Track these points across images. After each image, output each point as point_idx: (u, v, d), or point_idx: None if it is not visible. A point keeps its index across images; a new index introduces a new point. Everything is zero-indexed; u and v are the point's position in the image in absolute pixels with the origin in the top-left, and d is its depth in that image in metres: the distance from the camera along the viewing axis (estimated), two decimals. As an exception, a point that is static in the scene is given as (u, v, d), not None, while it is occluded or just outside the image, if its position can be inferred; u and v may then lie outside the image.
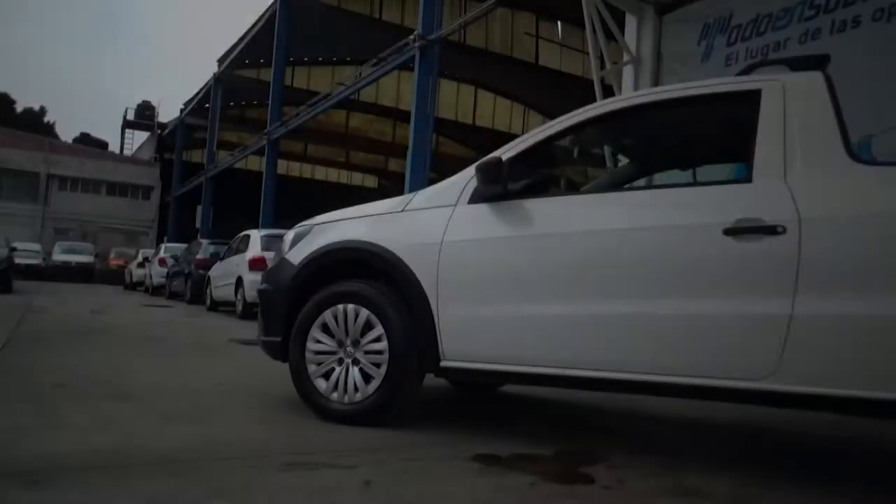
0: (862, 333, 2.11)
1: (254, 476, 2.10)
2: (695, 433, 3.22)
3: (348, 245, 3.02)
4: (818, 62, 2.56)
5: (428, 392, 3.94)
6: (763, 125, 2.42)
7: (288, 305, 3.09)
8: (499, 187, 2.69)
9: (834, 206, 2.22)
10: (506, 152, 2.82)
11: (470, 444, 2.64)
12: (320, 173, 37.04)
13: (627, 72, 7.43)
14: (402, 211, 2.99)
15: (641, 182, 3.84)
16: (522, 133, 3.22)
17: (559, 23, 23.76)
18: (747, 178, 2.41)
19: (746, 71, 2.75)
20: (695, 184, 2.72)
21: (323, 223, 3.22)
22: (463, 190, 2.86)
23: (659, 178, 4.21)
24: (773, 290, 2.22)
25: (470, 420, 3.31)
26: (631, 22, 7.44)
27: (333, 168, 36.50)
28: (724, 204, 2.38)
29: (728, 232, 2.29)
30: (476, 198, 2.80)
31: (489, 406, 3.78)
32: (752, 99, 2.48)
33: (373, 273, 3.01)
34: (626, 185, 3.44)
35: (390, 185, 32.73)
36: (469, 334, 2.70)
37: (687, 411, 3.72)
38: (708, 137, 3.23)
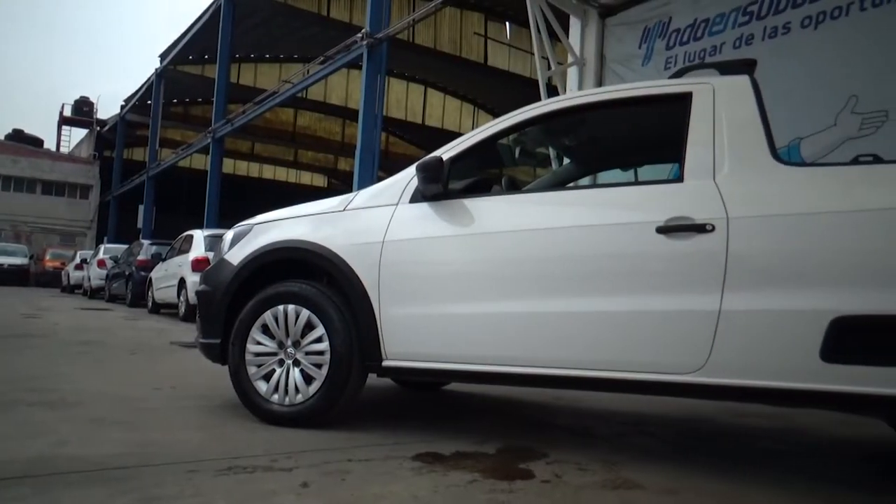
0: (782, 327, 2.20)
1: (188, 482, 2.06)
2: (635, 427, 3.30)
3: (289, 245, 2.98)
4: (746, 66, 2.66)
5: (373, 392, 3.93)
6: (693, 127, 2.50)
7: (227, 307, 3.04)
8: (439, 187, 2.71)
9: (759, 205, 2.30)
10: (447, 152, 2.83)
11: (414, 443, 2.65)
12: (268, 172, 36.43)
13: (572, 73, 7.56)
14: (344, 210, 2.97)
15: (587, 181, 3.92)
16: (472, 132, 3.24)
17: (507, 24, 23.99)
18: (679, 178, 2.48)
19: (679, 74, 2.83)
20: (630, 183, 2.79)
21: (263, 223, 3.17)
22: (404, 189, 2.86)
23: (603, 177, 4.30)
24: (702, 287, 2.30)
25: (415, 419, 3.31)
26: (575, 24, 7.57)
27: (282, 167, 35.95)
28: (657, 203, 2.45)
29: (660, 230, 2.36)
30: (417, 197, 2.81)
31: (435, 405, 3.79)
32: (683, 101, 2.56)
33: (314, 273, 2.99)
34: (566, 185, 3.50)
35: (340, 185, 32.48)
36: (411, 334, 2.71)
37: (629, 406, 3.81)
38: (643, 138, 3.31)
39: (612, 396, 3.93)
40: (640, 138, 3.33)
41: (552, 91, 7.33)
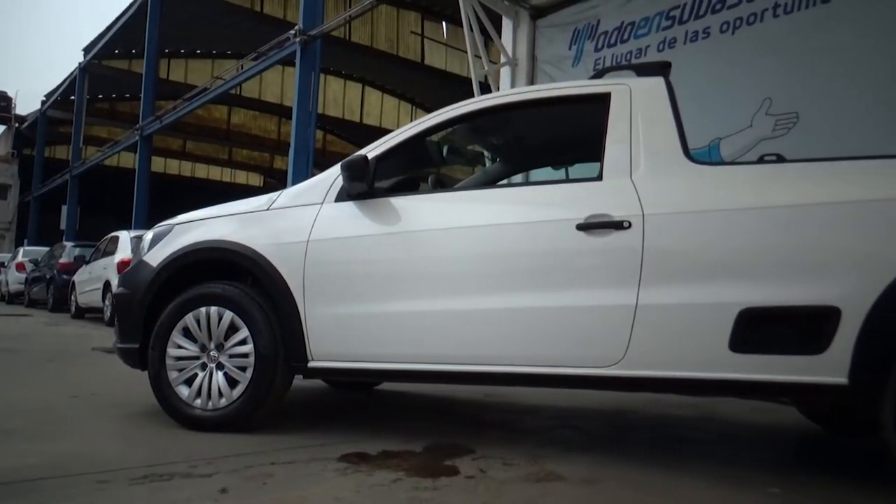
0: (694, 320, 2.29)
1: (100, 492, 1.98)
2: (562, 421, 3.37)
3: (211, 245, 2.91)
4: (661, 69, 2.75)
5: (303, 393, 3.88)
6: (611, 126, 2.57)
7: (146, 310, 2.93)
8: (364, 185, 2.69)
9: (672, 202, 2.39)
10: (372, 150, 2.82)
11: (341, 444, 2.63)
12: (201, 171, 35.36)
13: (505, 73, 7.64)
14: (268, 209, 2.92)
15: (520, 178, 3.98)
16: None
17: (444, 23, 24.05)
18: (598, 177, 2.55)
19: (598, 75, 2.90)
20: (553, 182, 2.84)
21: (184, 223, 3.08)
22: (329, 188, 2.83)
23: (536, 176, 4.37)
24: (620, 282, 2.37)
25: (344, 420, 3.29)
26: (507, 25, 7.65)
27: (216, 166, 34.95)
28: (578, 201, 2.50)
29: (580, 227, 2.42)
30: (342, 196, 2.79)
31: (366, 405, 3.77)
32: (602, 101, 2.63)
33: (238, 274, 2.92)
34: (494, 184, 3.54)
35: (276, 183, 31.82)
36: (336, 334, 2.68)
37: (558, 400, 3.89)
38: (567, 137, 3.39)
39: (542, 391, 4.01)
40: (565, 137, 3.40)
41: (486, 91, 7.38)
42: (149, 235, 3.16)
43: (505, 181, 3.82)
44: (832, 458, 2.90)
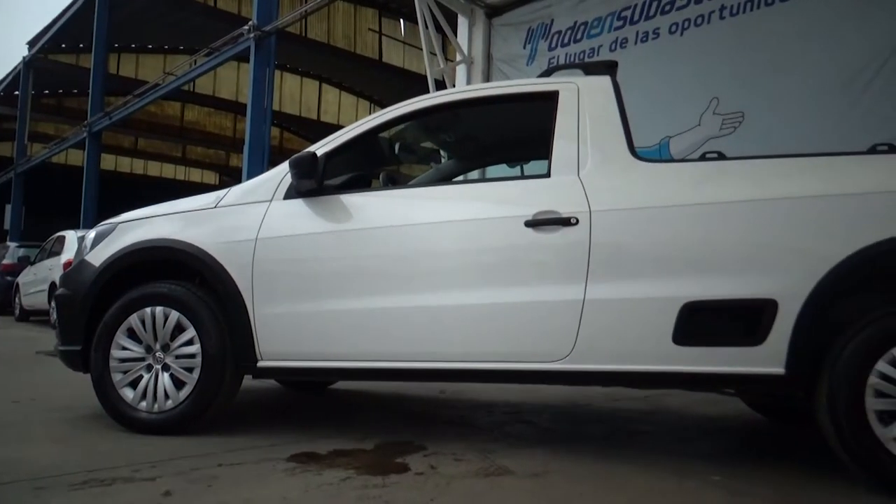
0: (639, 314, 2.33)
1: (38, 499, 1.92)
2: (515, 416, 3.39)
3: (156, 244, 2.84)
4: (608, 68, 2.79)
5: (255, 394, 3.83)
6: (559, 124, 2.60)
7: (88, 311, 2.85)
8: (313, 182, 2.67)
9: (618, 199, 2.43)
10: (321, 147, 2.80)
11: (291, 444, 2.60)
12: (154, 169, 34.47)
13: (461, 71, 7.66)
14: (216, 207, 2.87)
15: (476, 175, 3.99)
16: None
17: (402, 20, 23.97)
18: (547, 174, 2.58)
19: (547, 73, 2.93)
20: (502, 179, 2.87)
21: (128, 221, 3.00)
22: (278, 185, 2.80)
23: (492, 173, 4.38)
24: (568, 278, 2.40)
25: (296, 420, 3.25)
26: (463, 23, 7.66)
27: (169, 164, 34.11)
28: (526, 198, 2.53)
29: (529, 224, 2.45)
30: (292, 193, 2.76)
31: (319, 404, 3.74)
32: (550, 99, 2.66)
33: (184, 273, 2.86)
34: (446, 181, 3.54)
35: (232, 182, 31.15)
36: (286, 333, 2.65)
37: (511, 395, 3.92)
38: (518, 135, 3.41)
39: (495, 387, 4.04)
40: (515, 135, 3.43)
41: (442, 88, 7.39)
42: (91, 234, 3.07)
43: (460, 178, 3.83)
44: (774, 447, 2.99)
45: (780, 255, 2.26)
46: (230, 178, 32.94)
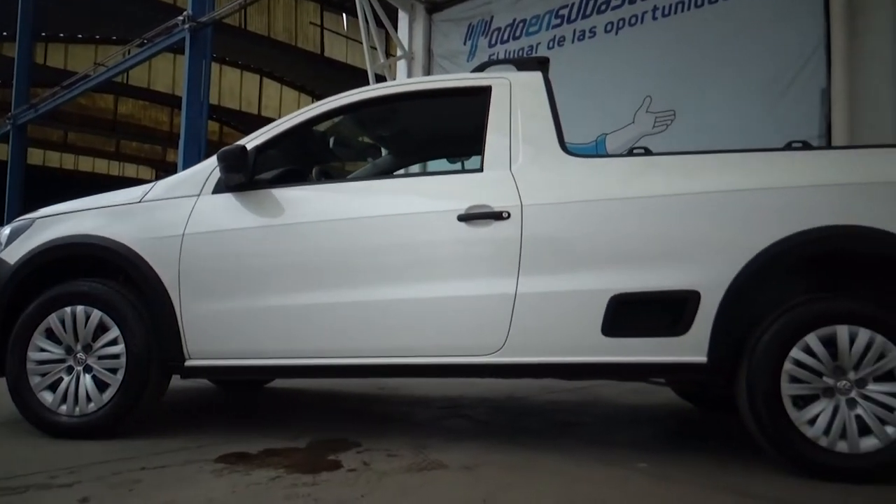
0: (570, 306, 2.37)
1: (-59, 510, 1.82)
2: (452, 410, 3.41)
3: (76, 240, 2.72)
4: (539, 64, 2.82)
5: (188, 394, 3.73)
6: (492, 119, 2.61)
7: (3, 311, 2.71)
8: (242, 176, 2.60)
9: (549, 193, 2.46)
10: (252, 140, 2.74)
11: (222, 444, 2.54)
12: (86, 164, 33.07)
13: (402, 66, 7.63)
14: (140, 202, 2.77)
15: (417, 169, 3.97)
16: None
17: (344, 15, 23.72)
18: (480, 169, 2.59)
19: (480, 68, 2.94)
20: (436, 173, 2.87)
21: (47, 216, 2.87)
22: (207, 179, 2.72)
23: (433, 167, 4.37)
24: (500, 271, 2.42)
25: (229, 420, 3.18)
26: (404, 18, 7.63)
27: (102, 158, 32.82)
28: (459, 192, 2.53)
29: (461, 218, 2.45)
30: (221, 187, 2.69)
31: (253, 403, 3.66)
32: (483, 94, 2.67)
33: (108, 271, 2.75)
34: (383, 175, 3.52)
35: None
36: (214, 331, 2.58)
37: (450, 390, 3.94)
38: (451, 130, 3.41)
39: (434, 382, 4.05)
40: (450, 130, 3.42)
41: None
42: (6, 231, 2.92)
43: (398, 173, 3.81)
44: (699, 434, 3.09)
45: (703, 247, 2.33)
46: (167, 173, 31.76)
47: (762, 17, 4.95)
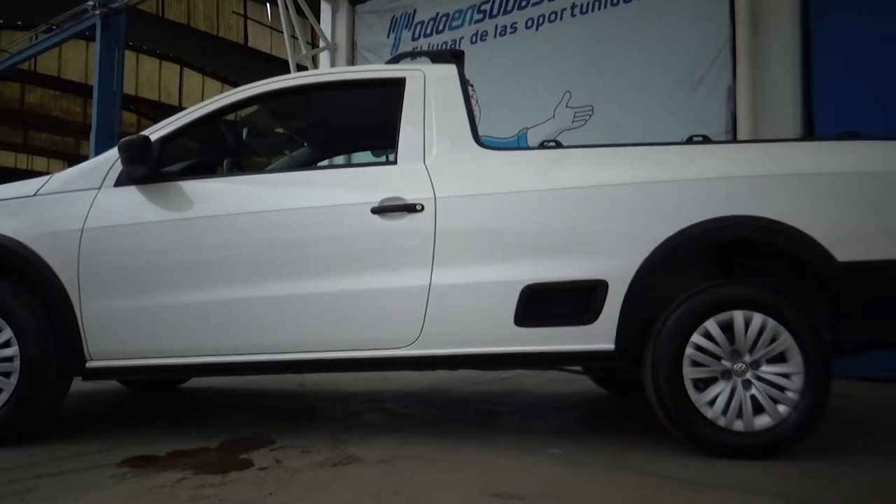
0: (483, 298, 2.40)
1: None
2: (372, 404, 3.39)
3: (-39, 237, 2.54)
4: (454, 57, 2.82)
5: (95, 396, 3.56)
6: (406, 111, 2.61)
7: None
8: (145, 168, 2.50)
9: (462, 185, 2.48)
10: (157, 131, 2.63)
11: (128, 447, 2.44)
12: (-10, 157, 31.10)
13: (325, 58, 7.51)
14: (34, 196, 2.61)
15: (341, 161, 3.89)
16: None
17: (268, 5, 23.12)
18: (394, 161, 2.58)
19: (395, 60, 2.93)
20: (349, 165, 2.83)
21: (-73, 212, 2.66)
22: (108, 171, 2.60)
23: (357, 160, 4.31)
24: (414, 264, 2.42)
25: (137, 421, 3.06)
26: (326, 9, 7.51)
27: (9, 151, 30.87)
28: (373, 184, 2.52)
29: (375, 211, 2.44)
30: (124, 180, 2.57)
31: (165, 403, 3.53)
32: (398, 86, 2.65)
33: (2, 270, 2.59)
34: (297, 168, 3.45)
35: (84, 172, 28.73)
36: (117, 330, 2.47)
37: (371, 385, 3.91)
38: (366, 122, 3.38)
39: (356, 377, 4.02)
40: (366, 122, 3.39)
41: (304, 75, 7.19)
42: None
43: (314, 166, 3.74)
44: (612, 419, 3.19)
45: (611, 237, 2.40)
46: (81, 167, 30.34)
47: (674, 17, 5.13)
